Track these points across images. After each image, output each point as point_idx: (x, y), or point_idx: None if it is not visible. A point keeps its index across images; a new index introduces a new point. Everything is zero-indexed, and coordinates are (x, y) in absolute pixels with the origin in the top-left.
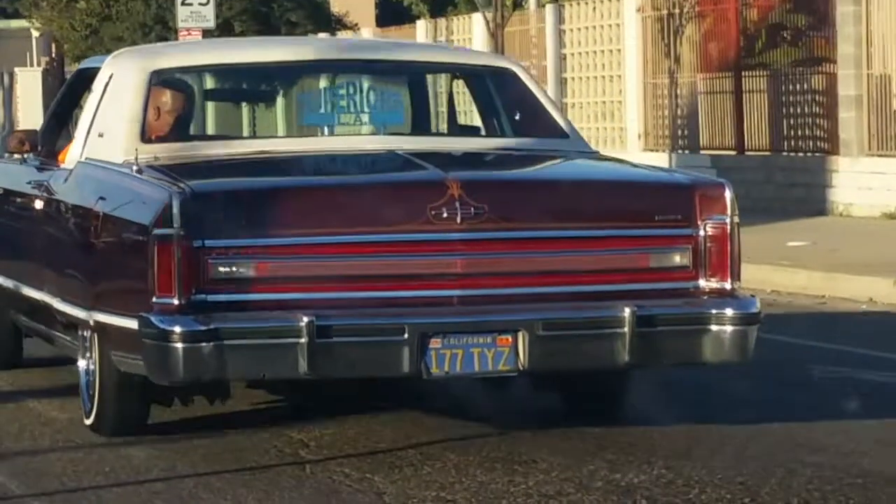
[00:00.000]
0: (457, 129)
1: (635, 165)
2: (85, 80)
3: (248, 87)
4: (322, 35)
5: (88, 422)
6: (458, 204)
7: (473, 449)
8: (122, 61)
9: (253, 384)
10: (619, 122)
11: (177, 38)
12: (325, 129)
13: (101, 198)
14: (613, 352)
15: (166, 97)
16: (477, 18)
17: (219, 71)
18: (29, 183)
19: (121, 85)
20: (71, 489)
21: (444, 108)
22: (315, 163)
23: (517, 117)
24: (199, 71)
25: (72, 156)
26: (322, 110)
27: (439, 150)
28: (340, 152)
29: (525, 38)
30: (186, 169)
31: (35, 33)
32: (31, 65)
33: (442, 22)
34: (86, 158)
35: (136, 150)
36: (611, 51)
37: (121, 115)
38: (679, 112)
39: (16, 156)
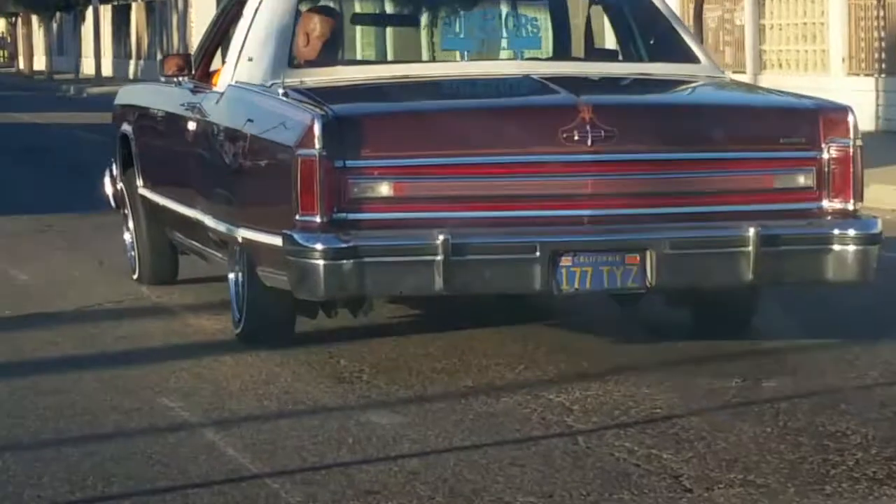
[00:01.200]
0: (594, 54)
1: (763, 90)
2: (237, 5)
3: (392, 12)
4: None
5: (237, 331)
6: (588, 127)
7: (768, 417)
8: None
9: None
10: (822, 44)
11: None
12: (465, 54)
13: (249, 120)
14: (738, 270)
15: (313, 23)
16: None
17: None
18: (183, 105)
19: (270, 10)
20: (314, 467)
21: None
22: (452, 87)
23: (652, 42)
24: None
25: (223, 79)
26: (462, 35)
27: (573, 75)
28: (478, 76)
29: None
30: (329, 92)
31: None
32: None
33: None
34: (236, 82)
35: (283, 74)
36: None
37: (270, 41)
38: (887, 34)
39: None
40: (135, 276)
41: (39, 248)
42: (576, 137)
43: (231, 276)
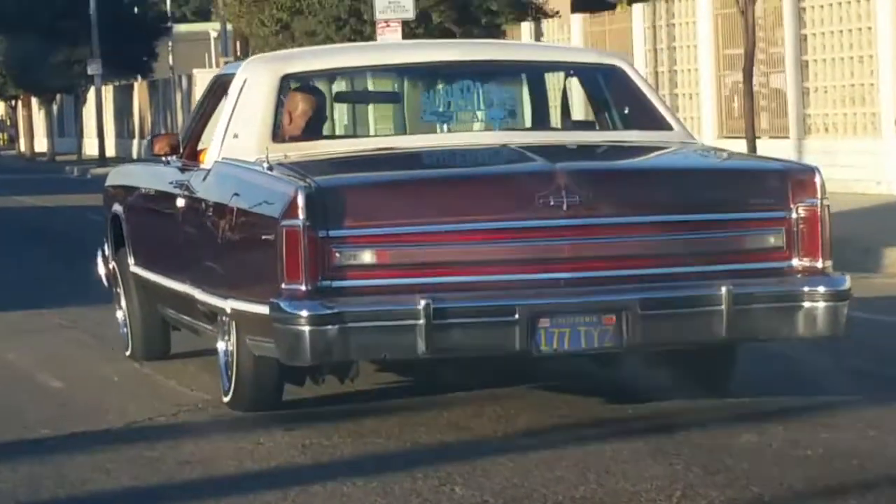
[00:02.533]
0: (569, 124)
1: (733, 154)
2: (222, 85)
3: (372, 88)
4: (523, 25)
5: (226, 399)
6: (564, 193)
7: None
8: (255, 67)
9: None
10: (871, 106)
11: (373, 32)
12: (444, 126)
13: (236, 194)
14: (712, 328)
15: (296, 101)
16: (703, 2)
17: (345, 74)
18: (171, 183)
19: (254, 89)
20: None
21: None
22: (431, 157)
23: (625, 111)
24: (326, 74)
25: (210, 156)
26: (441, 108)
27: (550, 144)
28: (456, 147)
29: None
30: (313, 165)
31: (213, 34)
32: (210, 66)
33: (661, 6)
34: (222, 158)
35: (268, 149)
36: (860, 29)
37: (254, 117)
38: None
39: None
40: (128, 353)
41: (68, 349)
42: (552, 203)
43: (220, 346)
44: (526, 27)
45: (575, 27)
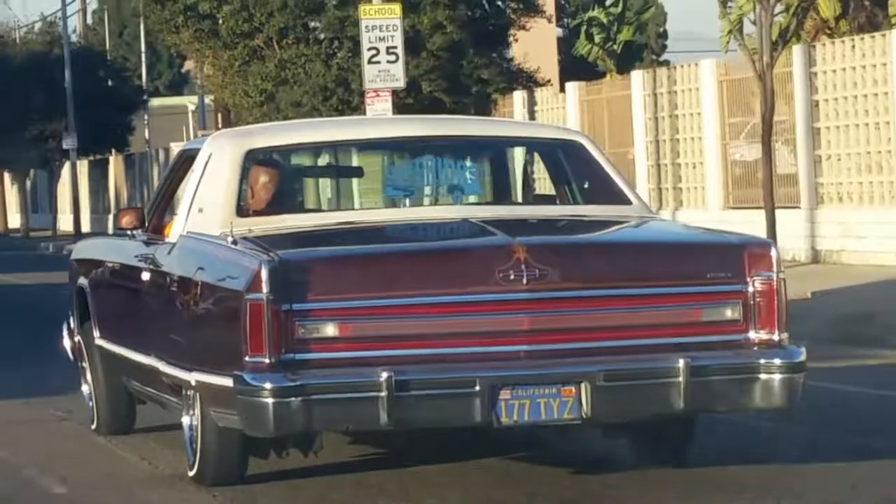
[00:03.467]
0: (530, 198)
1: (691, 228)
2: (187, 160)
3: (335, 163)
4: (516, 94)
5: (192, 473)
6: (523, 266)
7: None
8: (219, 142)
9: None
10: (889, 175)
11: (361, 102)
12: (407, 201)
13: (200, 268)
14: (670, 399)
15: (260, 174)
16: (707, 65)
17: (308, 149)
18: (137, 257)
19: (218, 164)
20: None
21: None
22: (393, 231)
23: (585, 186)
24: (289, 150)
25: (175, 230)
26: (405, 183)
27: (510, 218)
28: (418, 221)
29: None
30: (276, 240)
31: (191, 107)
32: (188, 139)
33: (662, 72)
34: (187, 232)
35: (232, 223)
36: (875, 94)
37: (218, 192)
38: None
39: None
40: (93, 426)
41: (65, 444)
42: (512, 276)
43: (185, 419)
44: (519, 96)
45: (570, 96)
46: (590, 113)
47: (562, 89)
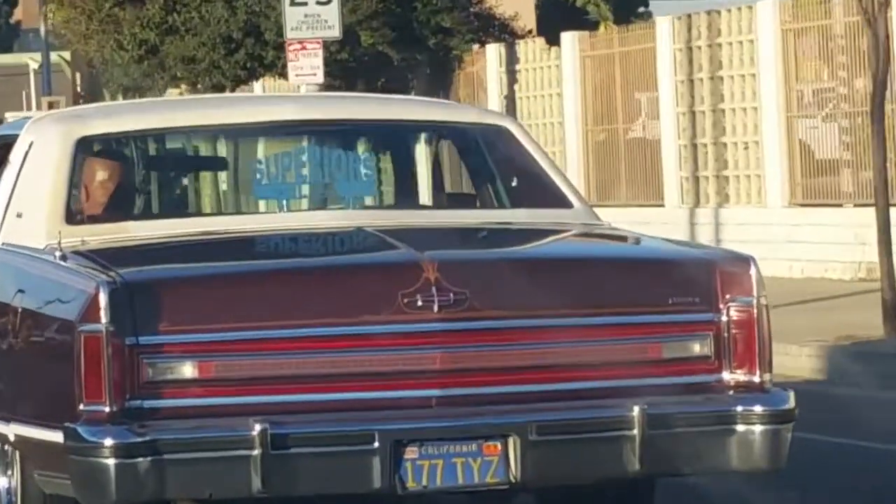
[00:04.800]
0: (443, 201)
1: (649, 239)
2: (1, 149)
3: (192, 155)
4: (490, 46)
5: None
6: (434, 289)
7: None
8: (43, 127)
9: None
10: None
11: (278, 57)
12: (283, 204)
13: (20, 290)
14: (622, 459)
15: (96, 169)
16: (765, 8)
17: (157, 137)
18: None
19: (42, 155)
20: None
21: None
22: (267, 244)
23: (513, 184)
24: (133, 137)
25: None
26: (279, 181)
27: (417, 226)
28: (299, 231)
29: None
30: (118, 254)
31: (33, 65)
32: (28, 108)
33: (701, 18)
34: (2, 244)
35: (60, 232)
36: None
37: (42, 192)
38: None
39: None
40: None
41: None
42: (419, 303)
43: (1, 482)
44: (493, 51)
45: (567, 50)
46: (594, 74)
47: (549, 42)
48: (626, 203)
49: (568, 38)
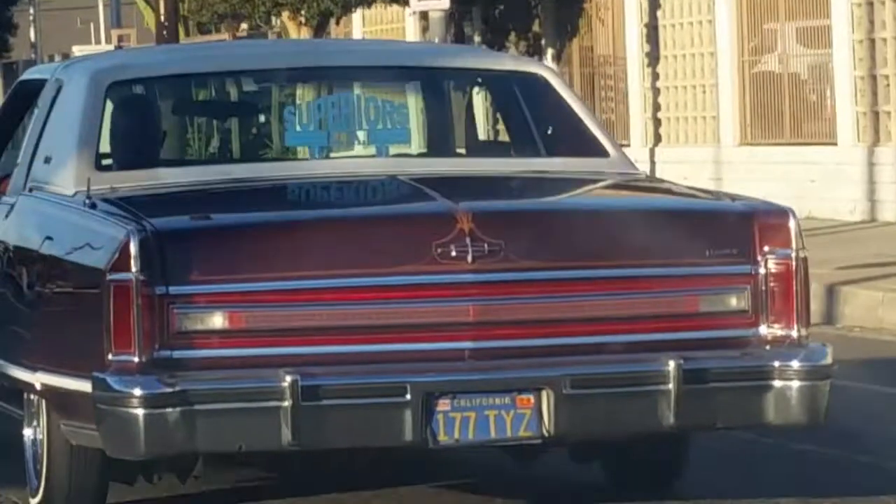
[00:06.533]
0: (477, 149)
1: (685, 191)
2: (29, 93)
3: (224, 100)
4: None
5: (34, 502)
6: (468, 240)
7: None
8: (73, 71)
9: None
10: None
11: None
12: (315, 151)
13: (48, 237)
14: (656, 414)
15: (126, 115)
16: None
17: (190, 82)
18: None
19: (72, 100)
20: None
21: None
22: (300, 192)
23: (548, 133)
24: (165, 82)
25: (14, 186)
26: (311, 128)
27: (451, 175)
28: (331, 179)
29: None
30: (148, 201)
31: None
32: (95, 43)
33: None
34: (30, 189)
35: (89, 179)
36: None
37: (71, 137)
38: None
39: None
40: None
41: None
42: (453, 253)
43: (27, 433)
44: None
45: None
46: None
47: None
48: (790, 141)
49: None
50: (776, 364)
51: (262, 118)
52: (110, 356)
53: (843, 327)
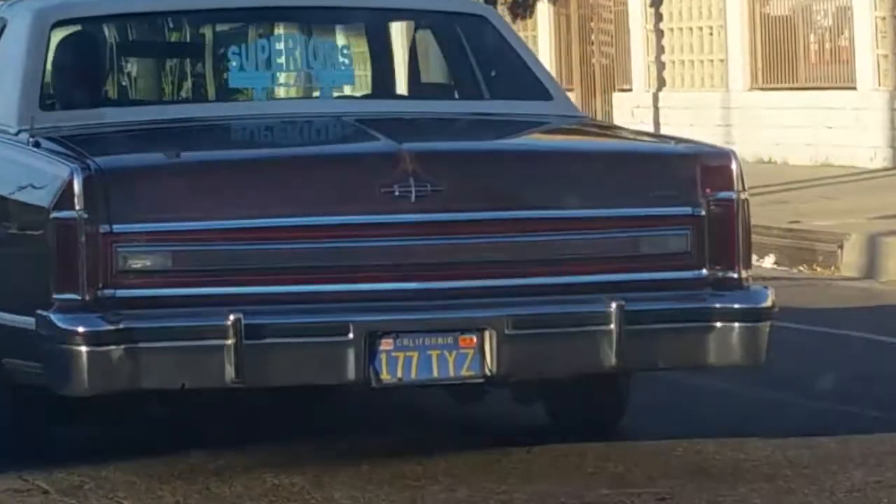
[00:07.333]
0: (422, 91)
1: (625, 133)
2: None
3: (169, 40)
4: None
5: None
6: (412, 180)
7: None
8: (17, 10)
9: None
10: None
11: None
12: (259, 92)
13: None
14: (598, 354)
15: (70, 54)
16: None
17: (135, 21)
18: None
19: (16, 39)
20: None
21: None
22: (244, 132)
23: (492, 75)
24: (110, 21)
25: None
26: (255, 68)
27: (395, 116)
28: (275, 119)
29: None
30: (93, 140)
31: None
32: None
33: None
34: None
35: (33, 118)
36: None
37: (15, 76)
38: None
39: None
40: None
41: None
42: (397, 193)
43: None
44: None
45: None
46: None
47: None
48: (806, 86)
49: None
50: (717, 305)
51: (206, 59)
52: (54, 294)
53: (889, 281)
